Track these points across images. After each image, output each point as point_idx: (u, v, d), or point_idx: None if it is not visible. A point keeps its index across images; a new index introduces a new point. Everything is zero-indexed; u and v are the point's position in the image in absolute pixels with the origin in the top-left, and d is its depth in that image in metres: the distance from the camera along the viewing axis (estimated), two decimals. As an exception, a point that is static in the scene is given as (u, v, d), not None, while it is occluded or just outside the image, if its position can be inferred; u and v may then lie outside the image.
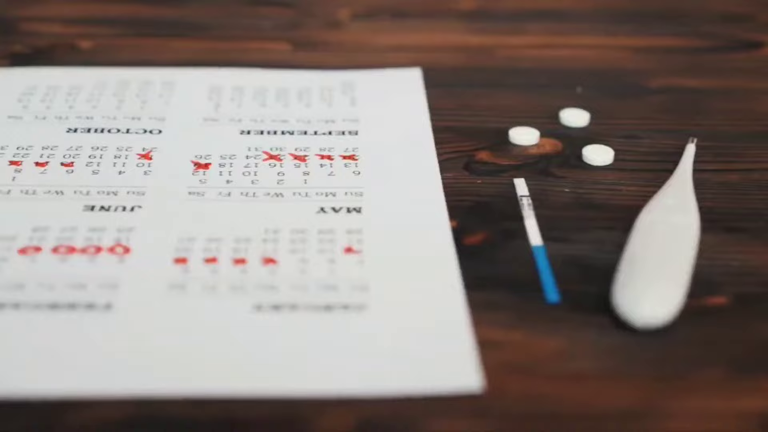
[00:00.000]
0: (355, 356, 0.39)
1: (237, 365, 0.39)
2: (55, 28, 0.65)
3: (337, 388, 0.37)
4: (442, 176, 0.50)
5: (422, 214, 0.47)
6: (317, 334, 0.40)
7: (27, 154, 0.51)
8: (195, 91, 0.58)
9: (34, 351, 0.39)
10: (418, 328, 0.40)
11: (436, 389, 0.37)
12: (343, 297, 0.42)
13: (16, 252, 0.44)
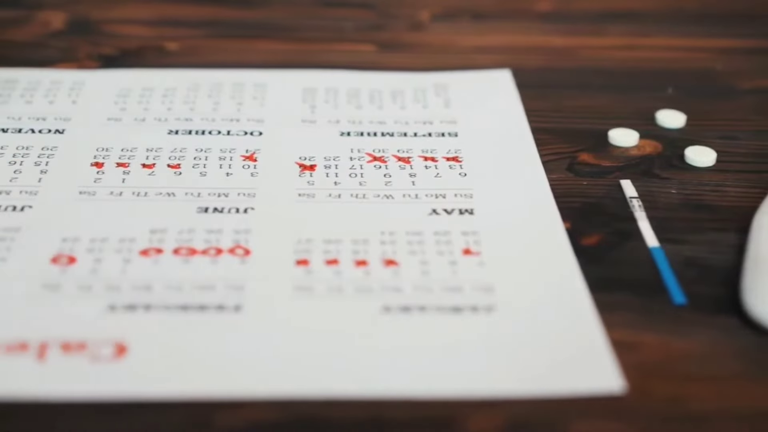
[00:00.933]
0: (491, 358, 0.39)
1: (373, 366, 0.39)
2: (139, 30, 0.65)
3: (482, 389, 0.38)
4: (547, 178, 0.50)
5: (534, 215, 0.47)
6: (449, 336, 0.40)
7: (132, 156, 0.52)
8: (288, 92, 0.58)
9: (171, 352, 0.39)
10: (550, 330, 0.41)
11: (579, 390, 0.38)
12: (469, 298, 0.42)
13: (137, 254, 0.44)
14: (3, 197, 0.48)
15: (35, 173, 0.50)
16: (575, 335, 0.40)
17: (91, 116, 0.55)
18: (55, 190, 0.49)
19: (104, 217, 0.47)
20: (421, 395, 0.37)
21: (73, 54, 0.62)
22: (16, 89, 0.58)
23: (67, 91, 0.58)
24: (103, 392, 0.37)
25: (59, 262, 0.44)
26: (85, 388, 0.38)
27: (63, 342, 0.39)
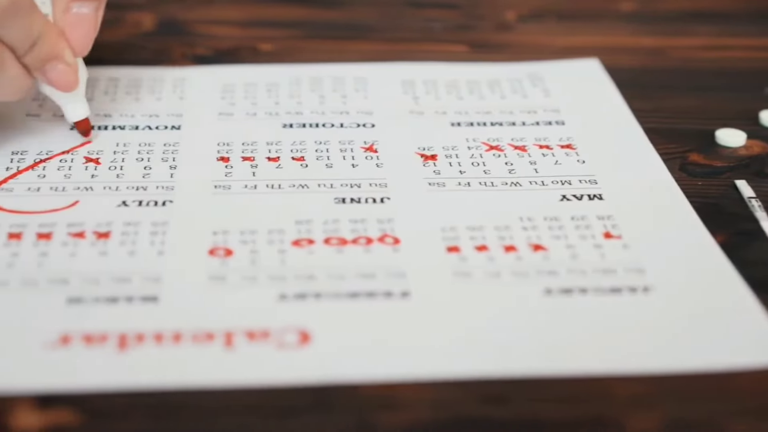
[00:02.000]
0: (657, 337, 0.41)
1: (544, 348, 0.40)
2: (230, 31, 0.66)
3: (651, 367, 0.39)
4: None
5: (661, 199, 0.49)
6: (616, 317, 0.42)
7: (255, 150, 0.53)
8: (389, 85, 0.59)
9: (354, 338, 0.40)
10: (710, 313, 0.42)
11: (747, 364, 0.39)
12: (624, 280, 0.43)
13: (290, 244, 0.45)
14: (141, 193, 0.49)
15: (165, 169, 0.51)
16: (738, 320, 0.42)
17: (202, 112, 0.56)
18: (190, 185, 0.49)
19: (247, 209, 0.48)
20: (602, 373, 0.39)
21: (167, 55, 0.62)
22: (120, 87, 0.58)
23: (171, 88, 0.58)
24: (292, 378, 0.38)
25: (217, 255, 0.45)
26: (275, 374, 0.39)
27: (247, 331, 0.40)
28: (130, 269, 0.43)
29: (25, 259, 0.44)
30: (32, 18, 0.47)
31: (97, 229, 0.46)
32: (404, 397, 0.38)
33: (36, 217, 0.47)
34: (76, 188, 0.49)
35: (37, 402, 0.37)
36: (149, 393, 0.37)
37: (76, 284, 0.43)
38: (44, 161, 0.51)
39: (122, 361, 0.39)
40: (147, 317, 0.41)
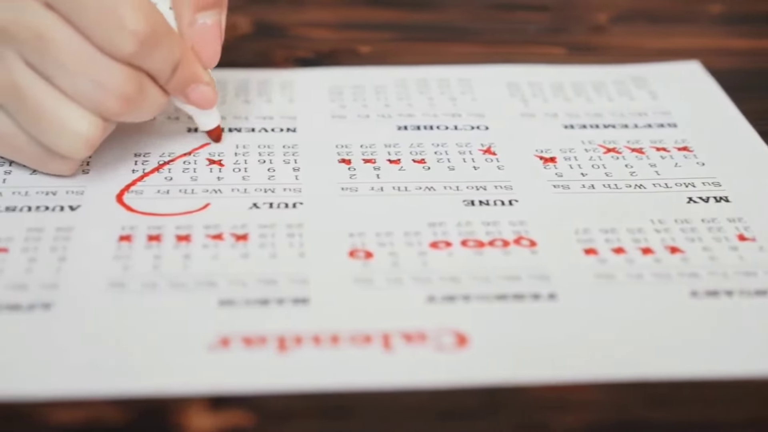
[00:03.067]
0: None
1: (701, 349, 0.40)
2: (326, 33, 0.66)
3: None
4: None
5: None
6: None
7: (374, 152, 0.53)
8: (494, 87, 0.59)
9: (510, 340, 0.41)
10: None
11: None
12: (766, 282, 0.44)
13: (428, 246, 0.46)
14: (270, 195, 0.49)
15: (289, 171, 0.51)
16: None
17: (314, 114, 0.56)
18: (318, 187, 0.50)
19: (378, 211, 0.48)
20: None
21: (268, 57, 0.63)
22: (228, 89, 0.58)
23: (280, 91, 0.58)
24: (460, 380, 0.38)
25: (357, 257, 0.45)
26: (436, 376, 0.39)
27: (403, 333, 0.41)
28: (275, 271, 0.44)
29: (168, 262, 0.44)
30: (171, 43, 0.46)
31: (234, 231, 0.46)
32: (571, 399, 0.38)
33: (171, 219, 0.47)
34: (205, 190, 0.49)
35: (209, 403, 0.37)
36: (319, 394, 0.37)
37: (224, 286, 0.43)
38: (168, 163, 0.51)
39: (284, 362, 0.39)
40: (300, 319, 0.41)
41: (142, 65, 0.45)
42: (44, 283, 0.43)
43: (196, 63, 0.49)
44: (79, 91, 0.44)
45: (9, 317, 0.41)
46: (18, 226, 0.46)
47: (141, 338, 0.40)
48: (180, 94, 0.49)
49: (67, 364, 0.39)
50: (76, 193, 0.49)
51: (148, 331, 0.41)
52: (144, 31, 0.44)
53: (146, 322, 0.41)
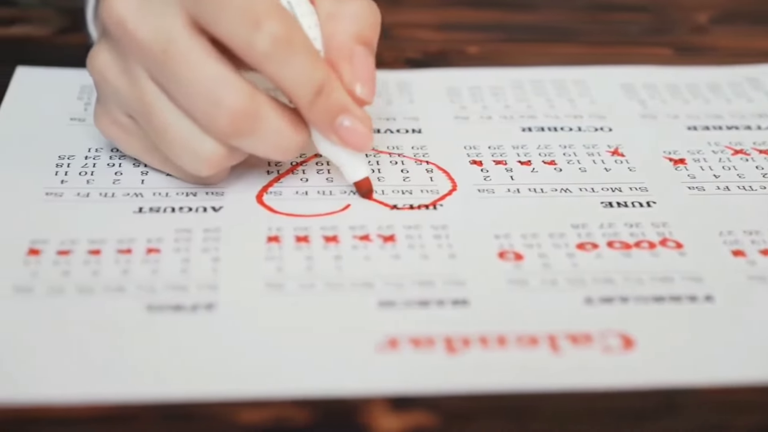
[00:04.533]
0: None
1: None
2: (430, 34, 0.66)
3: None
4: None
5: None
6: None
7: (503, 153, 0.53)
8: (609, 88, 0.60)
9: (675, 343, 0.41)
10: None
11: None
12: None
13: (575, 248, 0.46)
14: (408, 196, 0.49)
15: (422, 172, 0.51)
16: None
17: (437, 115, 0.57)
18: (455, 188, 0.50)
19: (518, 213, 0.48)
20: None
21: (378, 58, 0.63)
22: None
23: (398, 92, 0.59)
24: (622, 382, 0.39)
25: (507, 258, 0.45)
26: (603, 378, 0.39)
27: (568, 335, 0.41)
28: (429, 272, 0.44)
29: (321, 263, 0.44)
30: (313, 58, 0.43)
31: (380, 232, 0.46)
32: (748, 401, 0.38)
33: (315, 220, 0.47)
34: (343, 192, 0.49)
35: (390, 404, 0.37)
36: (496, 395, 0.38)
37: (380, 287, 0.43)
38: (301, 164, 0.51)
39: (455, 363, 0.39)
40: (461, 321, 0.41)
41: (275, 74, 0.44)
42: (203, 284, 0.43)
43: (345, 93, 0.45)
44: (193, 105, 0.43)
45: (173, 318, 0.41)
46: (165, 227, 0.46)
47: (306, 339, 0.40)
48: (326, 125, 0.45)
49: (243, 364, 0.39)
50: (216, 194, 0.49)
51: (313, 332, 0.41)
52: (278, 32, 0.42)
53: (309, 322, 0.41)
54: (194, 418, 0.36)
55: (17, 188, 0.49)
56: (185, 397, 0.37)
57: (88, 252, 0.45)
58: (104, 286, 0.43)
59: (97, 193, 0.49)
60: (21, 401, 0.37)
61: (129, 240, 0.45)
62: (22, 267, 0.44)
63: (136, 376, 0.38)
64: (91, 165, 0.51)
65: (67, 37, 0.64)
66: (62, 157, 0.51)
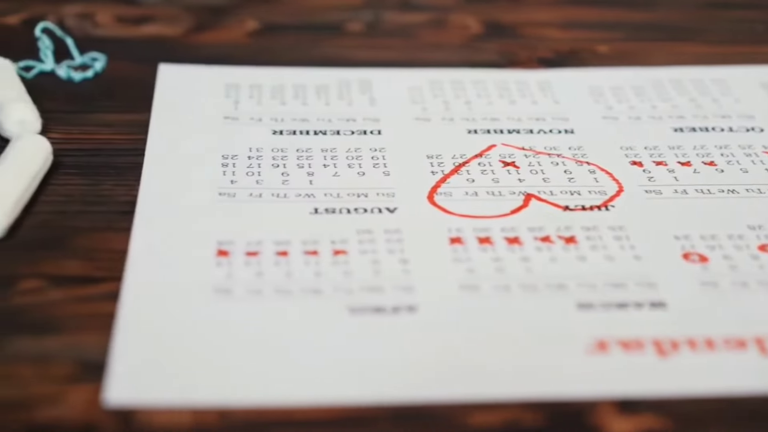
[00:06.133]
0: None
1: None
2: (555, 33, 0.66)
3: None
4: None
5: None
6: None
7: (661, 154, 0.53)
8: (752, 88, 0.60)
9: None
10: None
11: None
12: None
13: (756, 249, 0.46)
14: (577, 197, 0.49)
15: (585, 173, 0.51)
16: None
17: (585, 115, 0.57)
18: (617, 188, 0.50)
19: (692, 214, 0.48)
20: None
21: (510, 57, 0.63)
22: (490, 90, 0.58)
23: (540, 91, 0.59)
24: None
25: (692, 260, 0.45)
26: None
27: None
28: (618, 273, 0.44)
29: (510, 264, 0.45)
30: None
31: (560, 233, 0.47)
32: None
33: (495, 221, 0.47)
34: (512, 192, 0.49)
35: (617, 407, 0.37)
36: (723, 399, 0.38)
37: (573, 288, 0.43)
38: (463, 165, 0.51)
39: (670, 366, 0.39)
40: (662, 322, 0.42)
41: None
42: (398, 285, 0.43)
43: None
44: None
45: (376, 319, 0.41)
46: (345, 228, 0.46)
47: (511, 341, 0.41)
48: None
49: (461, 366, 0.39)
50: (387, 195, 0.49)
51: (518, 334, 0.41)
52: None
53: (510, 325, 0.41)
54: (428, 419, 0.36)
55: (191, 188, 0.49)
56: (417, 398, 0.37)
57: (276, 253, 0.45)
58: (301, 288, 0.43)
59: (269, 193, 0.49)
60: (252, 403, 0.37)
61: (313, 241, 0.45)
62: (215, 268, 0.44)
63: (362, 377, 0.38)
64: (256, 165, 0.51)
65: (201, 36, 0.64)
66: (226, 157, 0.51)
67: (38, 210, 0.47)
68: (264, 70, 0.60)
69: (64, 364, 0.39)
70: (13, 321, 0.40)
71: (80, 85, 0.58)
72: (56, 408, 0.37)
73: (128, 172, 0.50)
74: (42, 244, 0.45)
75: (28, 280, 0.43)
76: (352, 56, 0.62)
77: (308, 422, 0.37)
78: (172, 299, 0.42)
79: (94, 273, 0.43)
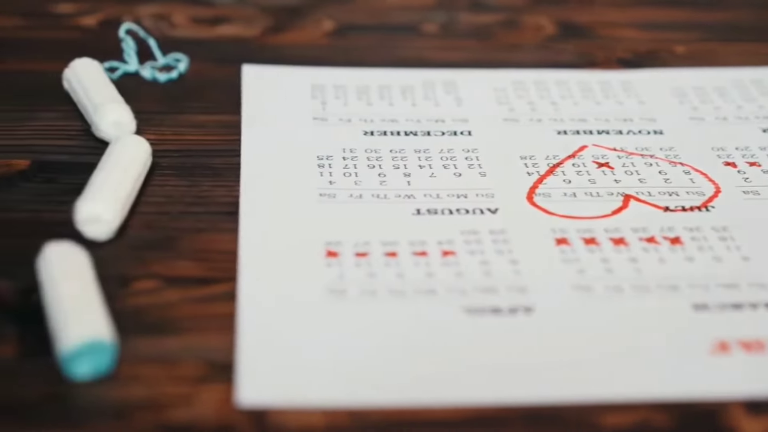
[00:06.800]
0: None
1: None
2: (633, 33, 0.66)
3: None
4: None
5: None
6: None
7: (753, 155, 0.53)
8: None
9: None
10: None
11: None
12: None
13: None
14: (676, 198, 0.49)
15: (680, 174, 0.51)
16: None
17: (672, 116, 0.57)
18: (719, 190, 0.50)
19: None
20: None
21: (588, 58, 0.63)
22: (573, 90, 0.58)
23: (623, 92, 0.59)
24: None
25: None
26: None
27: None
28: (727, 274, 0.44)
29: (618, 265, 0.45)
30: None
31: (664, 234, 0.47)
32: None
33: (598, 222, 0.47)
34: (609, 193, 0.49)
35: (746, 407, 0.37)
36: None
37: (686, 289, 0.43)
38: (558, 165, 0.52)
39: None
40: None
41: None
42: (512, 286, 0.43)
43: None
44: None
45: (494, 320, 0.41)
46: (449, 229, 0.47)
47: (633, 342, 0.41)
48: None
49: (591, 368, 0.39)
50: (486, 195, 0.49)
51: (639, 334, 0.41)
52: None
53: (629, 325, 0.42)
54: (558, 419, 0.37)
55: (292, 189, 0.49)
56: (548, 399, 0.37)
57: (385, 254, 0.45)
58: (414, 289, 0.43)
59: (369, 194, 0.49)
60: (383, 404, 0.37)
61: (420, 242, 0.46)
62: (326, 269, 0.44)
63: (490, 378, 0.39)
64: (352, 166, 0.51)
65: (278, 37, 0.64)
66: (320, 158, 0.51)
67: (142, 211, 0.47)
68: (348, 71, 0.60)
69: (191, 364, 0.39)
70: (133, 321, 0.40)
71: (165, 86, 0.58)
72: (190, 408, 0.37)
73: (226, 173, 0.50)
74: (150, 244, 0.45)
75: (142, 280, 0.43)
76: (431, 57, 0.62)
77: (438, 422, 0.37)
78: (288, 300, 0.42)
79: (207, 274, 0.44)
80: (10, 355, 0.39)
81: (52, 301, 0.39)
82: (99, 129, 0.51)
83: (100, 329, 0.38)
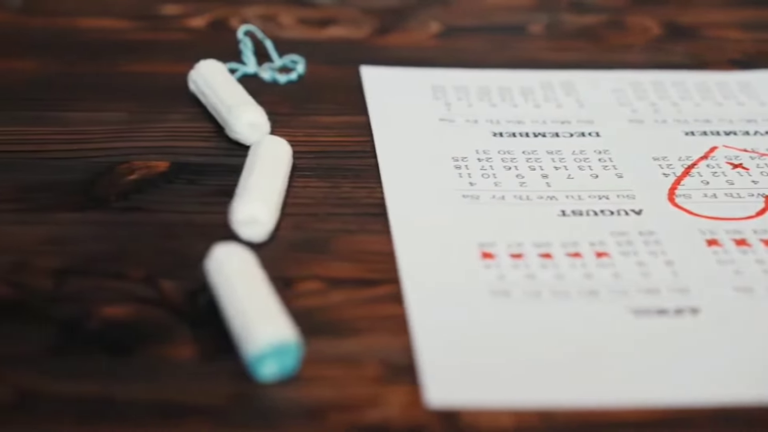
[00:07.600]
0: None
1: None
2: (738, 34, 0.66)
3: None
4: None
5: None
6: None
7: None
8: None
9: None
10: None
11: None
12: None
13: None
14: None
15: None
16: None
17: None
18: None
19: None
20: None
21: (699, 58, 0.63)
22: (690, 91, 0.58)
23: (741, 92, 0.59)
24: None
25: None
26: None
27: None
28: None
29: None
30: None
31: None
32: None
33: (746, 223, 0.47)
34: (750, 194, 0.49)
35: None
36: None
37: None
38: (693, 166, 0.52)
39: None
40: None
41: None
42: (673, 287, 0.43)
43: None
44: None
45: (662, 321, 0.42)
46: (599, 230, 0.47)
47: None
48: None
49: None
50: (627, 197, 0.49)
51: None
52: None
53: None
54: (745, 421, 0.37)
55: (434, 190, 0.49)
56: (736, 400, 0.37)
57: (539, 255, 0.45)
58: (577, 290, 0.43)
59: (511, 195, 0.49)
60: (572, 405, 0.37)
61: (572, 243, 0.46)
62: (484, 270, 0.44)
63: (673, 379, 0.39)
64: (488, 167, 0.51)
65: (387, 38, 0.65)
66: (456, 159, 0.51)
67: (289, 212, 0.47)
68: (465, 72, 0.60)
69: (373, 365, 0.39)
70: (306, 323, 0.40)
71: (285, 88, 0.58)
72: (379, 410, 0.37)
73: (365, 174, 0.50)
74: (304, 246, 0.45)
75: (305, 282, 0.43)
76: (543, 57, 0.62)
77: (627, 423, 0.37)
78: (454, 301, 0.42)
79: (367, 275, 0.44)
80: (188, 357, 0.39)
81: (230, 302, 0.39)
82: (233, 130, 0.51)
83: (286, 331, 0.38)
